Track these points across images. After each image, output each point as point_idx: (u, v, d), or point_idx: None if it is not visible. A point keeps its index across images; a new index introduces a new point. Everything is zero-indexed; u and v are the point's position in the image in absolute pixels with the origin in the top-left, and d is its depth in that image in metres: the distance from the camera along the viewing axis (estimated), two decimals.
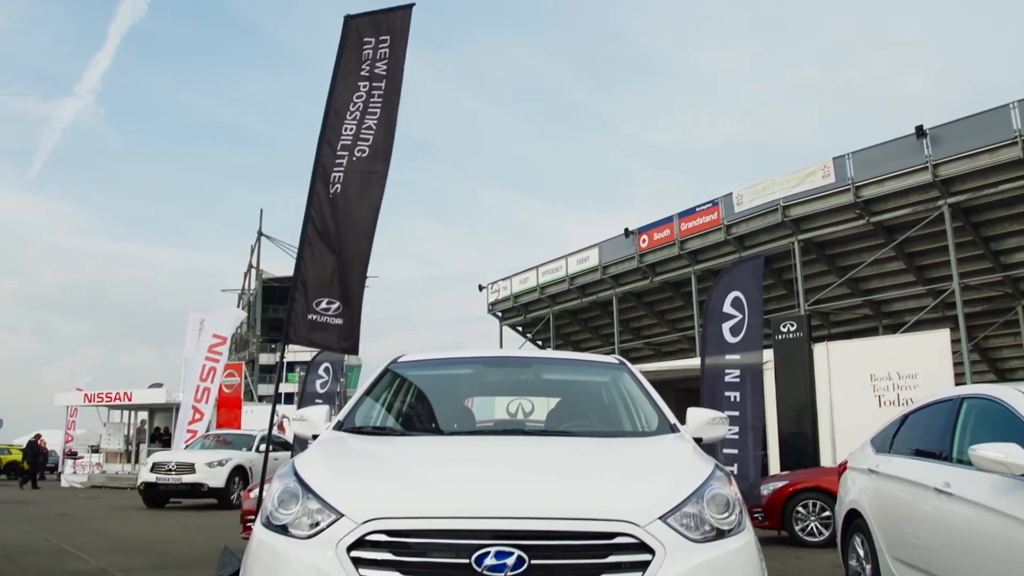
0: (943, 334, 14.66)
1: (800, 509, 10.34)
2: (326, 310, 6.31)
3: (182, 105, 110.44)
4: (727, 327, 9.95)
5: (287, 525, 2.89)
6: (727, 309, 9.96)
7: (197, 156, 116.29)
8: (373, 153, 6.34)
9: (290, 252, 44.75)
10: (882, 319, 26.87)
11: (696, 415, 4.01)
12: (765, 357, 12.66)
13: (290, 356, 43.61)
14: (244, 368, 28.27)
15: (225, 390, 23.77)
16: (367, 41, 6.56)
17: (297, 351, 44.64)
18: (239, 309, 33.11)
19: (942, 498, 4.93)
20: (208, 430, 21.51)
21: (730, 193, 26.04)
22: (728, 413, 9.22)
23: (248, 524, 9.07)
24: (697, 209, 27.19)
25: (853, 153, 22.76)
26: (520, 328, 37.62)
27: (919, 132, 20.92)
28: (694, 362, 14.63)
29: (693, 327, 28.07)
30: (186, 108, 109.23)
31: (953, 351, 15.61)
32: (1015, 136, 19.41)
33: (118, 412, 31.41)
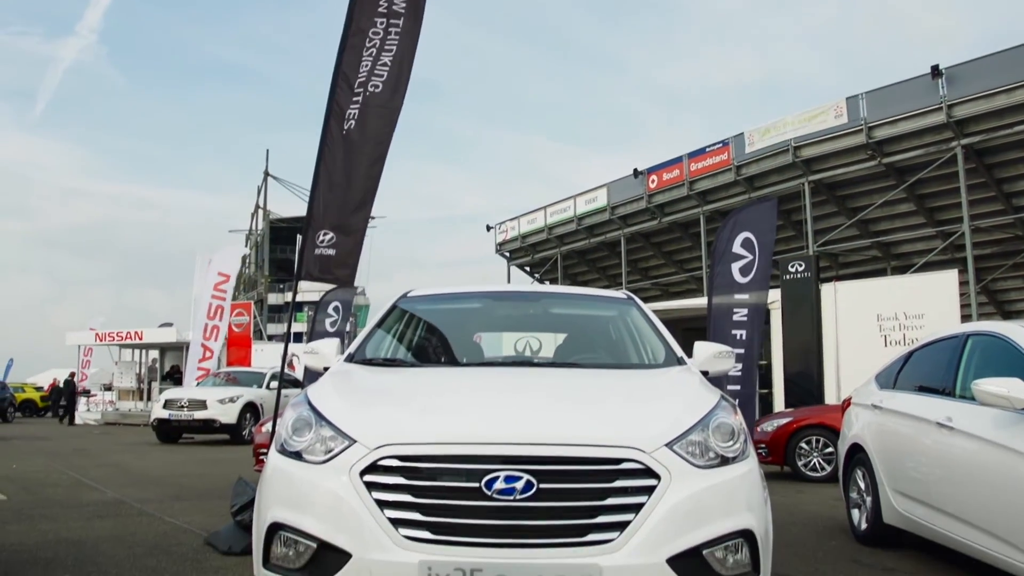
0: (951, 275, 14.66)
1: (803, 445, 10.49)
2: (323, 242, 6.34)
3: (186, 44, 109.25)
4: (736, 267, 9.98)
5: (301, 452, 2.96)
6: (737, 249, 9.98)
7: (203, 97, 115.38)
8: (387, 88, 6.29)
9: (296, 192, 44.74)
10: (890, 261, 26.81)
11: (703, 348, 4.06)
12: (772, 297, 12.72)
13: (299, 295, 43.86)
14: (253, 307, 28.43)
15: (235, 329, 23.98)
16: None
17: (306, 291, 44.85)
18: (243, 246, 33.16)
19: (943, 432, 5.00)
20: (218, 368, 21.77)
21: (741, 133, 25.76)
22: (735, 351, 9.31)
23: (260, 457, 9.24)
24: (707, 149, 26.94)
25: (867, 93, 22.43)
26: (528, 268, 37.66)
27: (935, 72, 20.58)
28: (701, 301, 14.67)
29: (701, 268, 28.06)
30: (190, 47, 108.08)
31: (961, 293, 15.60)
32: None
33: (129, 351, 31.77)
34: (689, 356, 4.08)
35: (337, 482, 2.77)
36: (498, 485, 2.64)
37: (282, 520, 2.86)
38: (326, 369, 3.95)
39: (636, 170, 29.28)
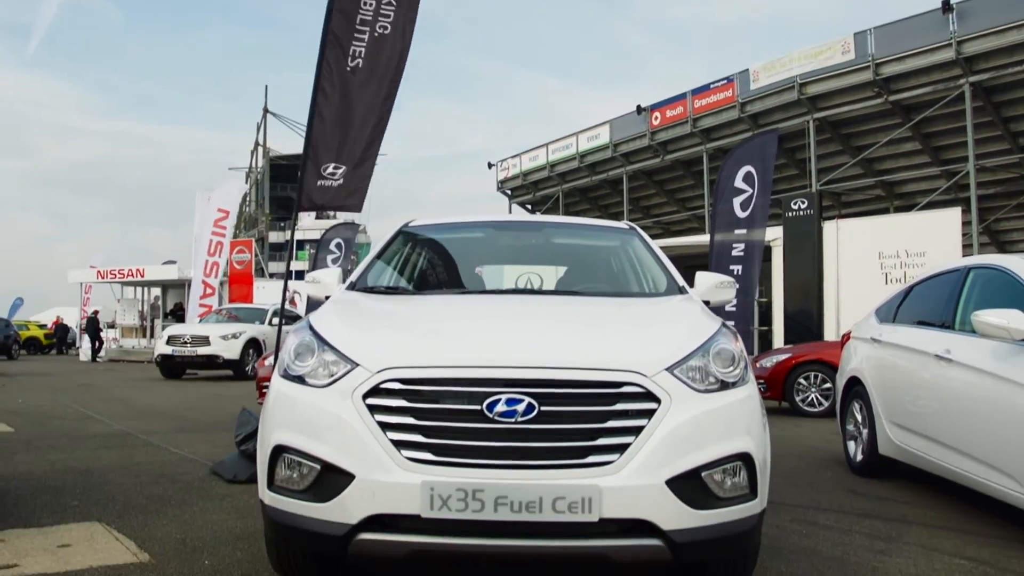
0: (954, 213, 14.61)
1: (802, 381, 10.58)
2: (332, 174, 6.31)
3: None
4: (738, 202, 9.96)
5: (304, 376, 2.98)
6: (738, 183, 9.94)
7: (201, 33, 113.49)
8: (395, 28, 6.22)
9: (296, 129, 44.29)
10: (894, 200, 26.67)
11: (704, 278, 4.07)
12: (773, 235, 12.69)
13: (300, 234, 43.80)
14: (254, 245, 28.41)
15: (236, 266, 24.00)
16: None
17: (307, 229, 44.82)
18: (241, 182, 32.98)
19: (942, 364, 5.03)
20: (220, 305, 21.84)
21: (746, 70, 25.40)
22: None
23: (263, 390, 9.31)
24: (711, 86, 26.58)
25: (875, 28, 22.05)
26: (529, 206, 37.51)
27: (945, 7, 20.19)
28: (703, 238, 14.64)
29: (703, 206, 27.95)
30: None
31: (963, 233, 15.56)
32: None
33: (132, 289, 31.88)
34: (691, 287, 4.09)
35: (340, 405, 2.80)
36: (500, 408, 2.66)
37: (286, 443, 2.89)
38: (327, 298, 3.96)
39: (639, 107, 28.95)
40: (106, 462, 6.50)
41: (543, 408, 2.68)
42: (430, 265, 4.79)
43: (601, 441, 2.69)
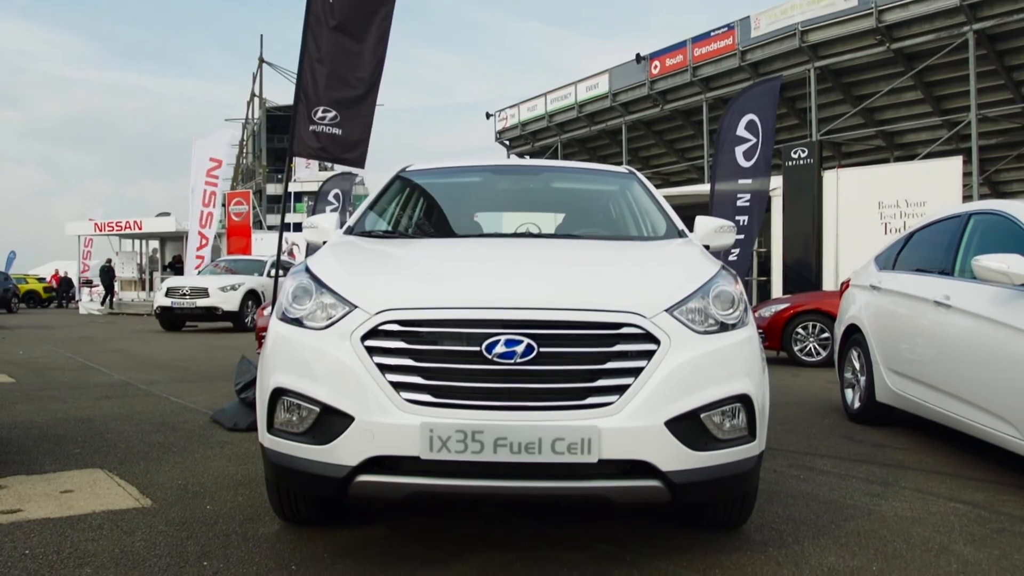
0: (955, 162, 14.50)
1: (800, 331, 10.61)
2: (323, 119, 6.24)
3: None
4: (740, 151, 9.88)
5: (302, 318, 2.97)
6: (741, 132, 9.85)
7: None
8: None
9: (292, 79, 43.73)
10: (894, 151, 26.50)
11: (704, 222, 4.04)
12: (772, 184, 12.61)
13: (298, 186, 43.57)
14: (252, 197, 28.27)
15: (234, 218, 23.92)
16: None
17: (305, 181, 44.47)
18: (234, 131, 32.74)
19: (940, 310, 5.03)
20: (217, 256, 21.79)
21: (747, 17, 25.04)
22: (736, 237, 9.32)
23: (263, 340, 9.35)
24: (712, 34, 26.21)
25: None
26: (528, 157, 37.27)
27: None
28: (703, 188, 14.57)
29: (702, 156, 27.78)
30: None
31: (963, 184, 15.46)
32: None
33: (130, 241, 31.79)
34: (690, 231, 4.06)
35: (339, 347, 2.79)
36: (499, 349, 2.65)
37: (285, 385, 2.89)
38: (325, 244, 3.93)
39: (638, 55, 28.59)
40: (107, 411, 6.53)
41: (542, 349, 2.67)
42: (428, 209, 4.76)
43: (600, 382, 2.68)
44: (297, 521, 3.46)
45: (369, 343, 2.75)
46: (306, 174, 43.93)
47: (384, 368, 2.71)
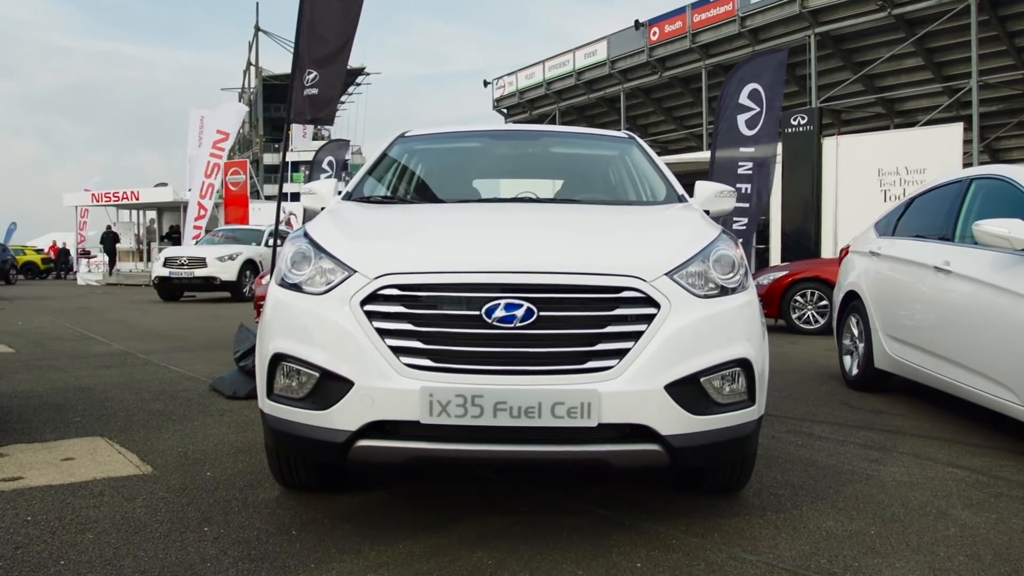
0: (955, 128, 14.43)
1: (798, 298, 10.61)
2: (308, 82, 6.23)
3: None
4: (743, 119, 9.80)
5: (300, 284, 2.95)
6: (743, 101, 9.77)
7: None
8: None
9: (289, 48, 43.34)
10: (894, 118, 26.38)
11: (704, 187, 4.02)
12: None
13: (295, 156, 43.34)
14: (249, 166, 28.12)
15: (231, 188, 23.80)
16: None
17: (302, 151, 44.24)
18: (242, 105, 32.47)
19: (940, 276, 5.01)
20: (215, 227, 21.73)
21: None
22: (739, 205, 9.30)
23: (261, 308, 9.35)
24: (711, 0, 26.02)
25: None
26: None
27: None
28: (702, 155, 14.50)
29: (701, 124, 27.65)
30: None
31: (963, 151, 15.39)
32: None
33: (127, 212, 31.67)
34: (691, 196, 4.04)
35: (338, 312, 2.77)
36: (498, 313, 2.64)
37: (284, 351, 2.88)
38: (323, 209, 3.90)
39: (637, 22, 28.38)
40: (107, 380, 6.54)
41: (542, 313, 2.66)
42: (427, 174, 4.72)
43: (600, 346, 2.68)
44: (297, 487, 3.47)
45: (368, 308, 2.73)
46: (303, 143, 43.72)
47: (383, 333, 2.70)
